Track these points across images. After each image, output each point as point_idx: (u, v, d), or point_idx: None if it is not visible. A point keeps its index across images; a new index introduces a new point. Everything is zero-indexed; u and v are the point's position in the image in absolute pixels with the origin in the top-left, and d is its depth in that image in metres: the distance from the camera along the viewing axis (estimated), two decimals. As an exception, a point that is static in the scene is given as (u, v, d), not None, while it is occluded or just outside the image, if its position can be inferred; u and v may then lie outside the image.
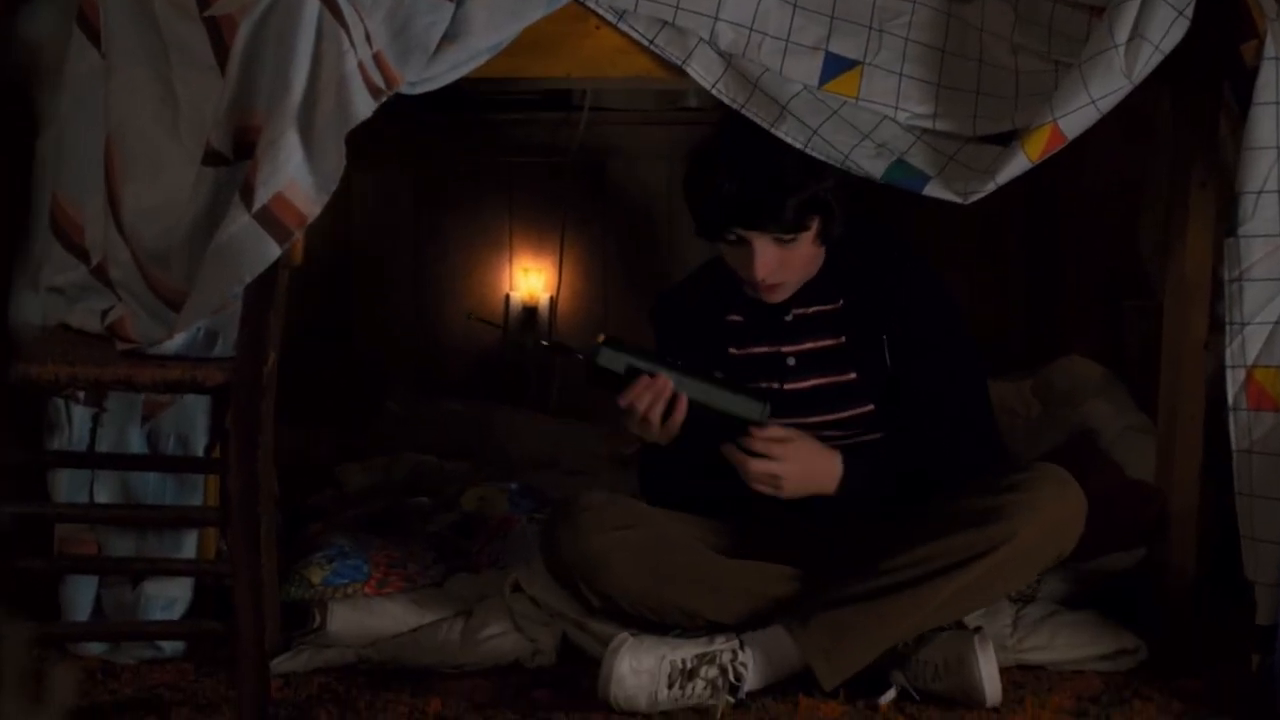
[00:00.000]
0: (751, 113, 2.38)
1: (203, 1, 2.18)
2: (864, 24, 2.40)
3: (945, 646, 2.33)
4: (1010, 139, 2.32)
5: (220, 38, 2.17)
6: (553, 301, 3.87)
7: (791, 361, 2.55)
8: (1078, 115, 2.25)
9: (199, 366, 2.18)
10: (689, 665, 2.29)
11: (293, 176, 2.04)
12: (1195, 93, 2.50)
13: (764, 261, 2.43)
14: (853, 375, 2.53)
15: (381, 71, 2.14)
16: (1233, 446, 2.33)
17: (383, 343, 3.91)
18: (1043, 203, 3.72)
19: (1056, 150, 2.28)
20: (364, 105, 2.08)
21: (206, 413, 2.57)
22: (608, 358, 2.37)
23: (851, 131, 2.37)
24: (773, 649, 2.33)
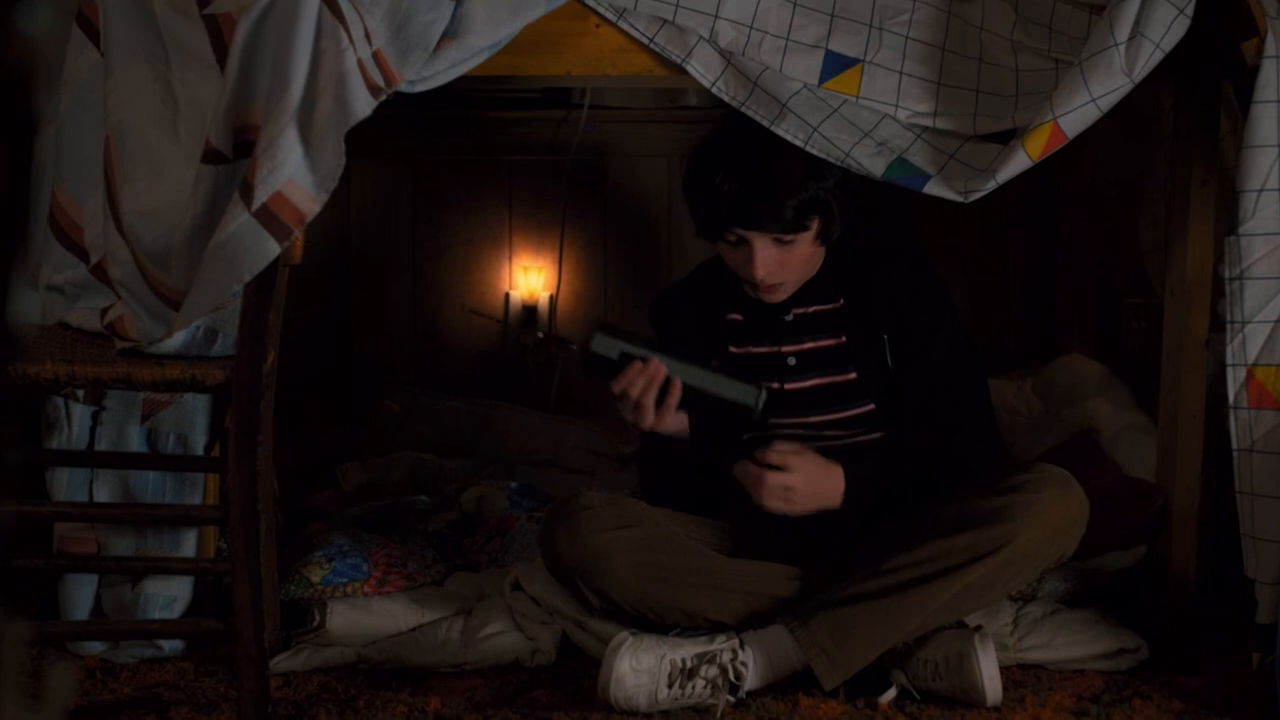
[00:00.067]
0: (752, 111, 2.38)
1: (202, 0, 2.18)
2: (864, 22, 2.40)
3: (946, 645, 2.33)
4: (1010, 137, 2.32)
5: (219, 36, 2.16)
6: (552, 300, 3.87)
7: (792, 361, 2.55)
8: (1078, 114, 2.25)
9: (199, 365, 2.18)
10: (689, 664, 2.28)
11: (292, 175, 2.04)
12: (1196, 91, 2.50)
13: (763, 261, 2.43)
14: (853, 375, 2.53)
15: (381, 70, 2.14)
16: (1233, 445, 2.33)
17: (382, 341, 3.90)
18: (1042, 201, 3.73)
19: (1057, 149, 2.28)
20: (363, 104, 2.07)
21: (206, 411, 2.57)
22: (602, 344, 2.38)
23: (852, 130, 2.37)
24: (773, 648, 2.33)
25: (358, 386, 3.84)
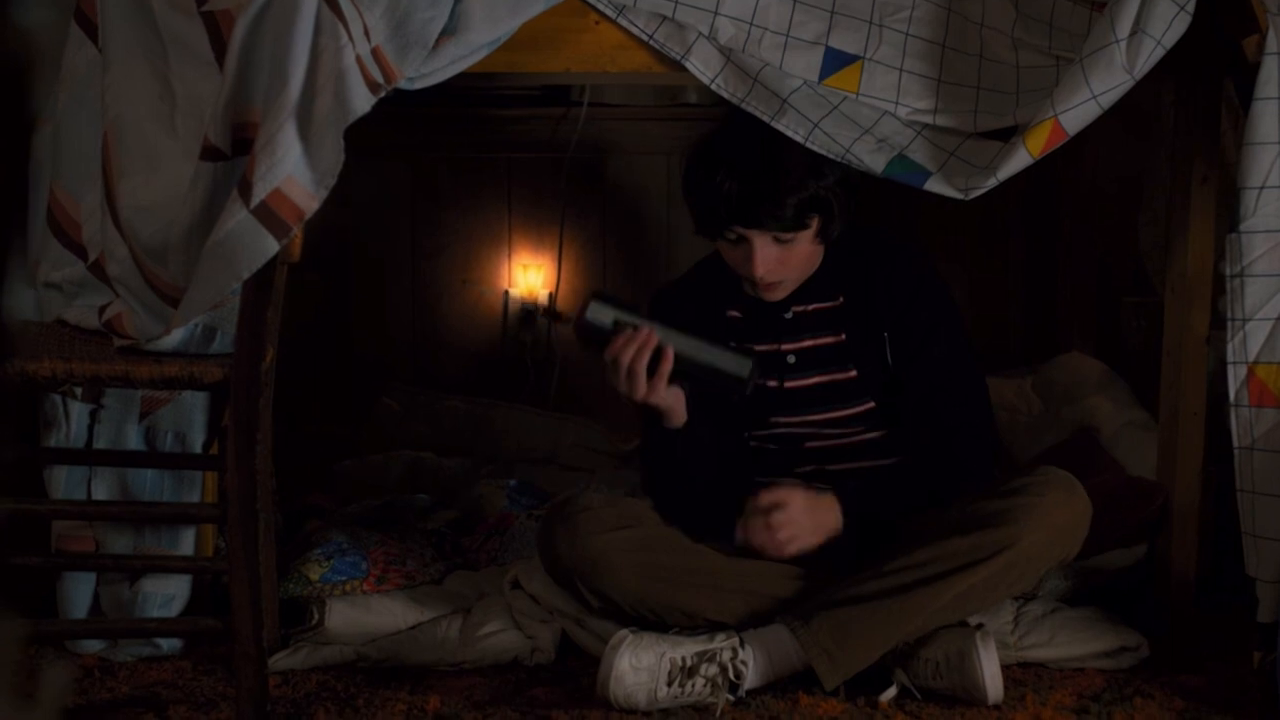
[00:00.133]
0: (752, 107, 2.37)
1: (200, -4, 2.17)
2: (864, 19, 2.40)
3: (947, 644, 2.32)
4: (1011, 134, 2.32)
5: (218, 33, 2.16)
6: (551, 298, 3.86)
7: (792, 359, 2.54)
8: (1079, 110, 2.24)
9: (197, 363, 2.17)
10: (689, 663, 2.28)
11: (291, 172, 2.03)
12: (1197, 88, 2.50)
13: (763, 260, 2.42)
14: (853, 372, 2.53)
15: (380, 67, 2.13)
16: (1234, 443, 2.33)
17: (381, 339, 3.90)
18: (1043, 198, 3.72)
19: (1058, 146, 2.28)
20: (362, 100, 2.07)
21: (204, 409, 2.56)
22: (597, 311, 2.40)
23: (852, 126, 2.37)
24: (773, 647, 2.32)
25: (356, 384, 3.83)
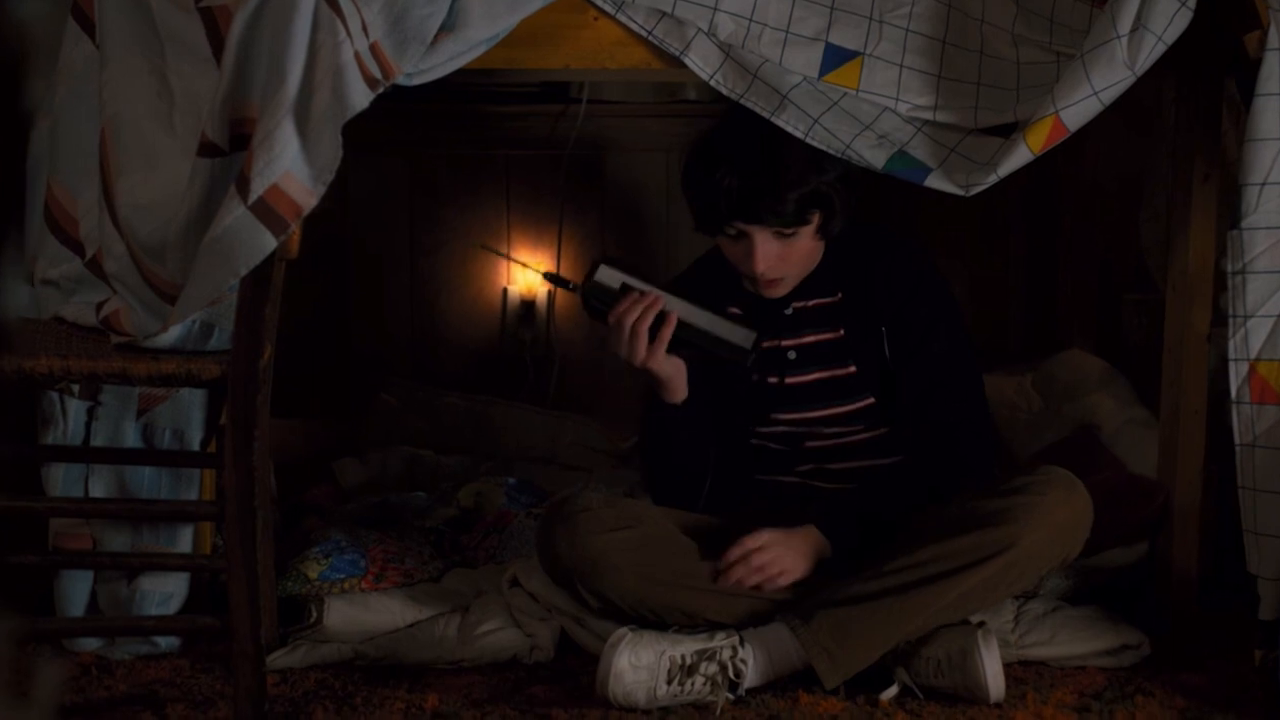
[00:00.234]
0: (751, 103, 2.37)
1: (198, -8, 2.17)
2: (864, 15, 2.40)
3: (948, 642, 2.31)
4: (1012, 131, 2.31)
5: (215, 29, 2.15)
6: (550, 296, 3.85)
7: (792, 355, 2.54)
8: (1080, 107, 2.24)
9: (195, 360, 2.17)
10: (688, 661, 2.27)
11: (289, 168, 2.03)
12: (1198, 84, 2.49)
13: (764, 255, 2.42)
14: (852, 368, 2.52)
15: (378, 63, 2.13)
16: (1235, 440, 2.32)
17: (379, 336, 3.89)
18: (1044, 195, 3.72)
19: (1059, 142, 2.27)
20: (360, 96, 2.06)
21: (202, 406, 2.56)
22: (605, 274, 2.44)
23: (852, 122, 2.36)
24: (773, 646, 2.32)
25: (355, 381, 3.82)
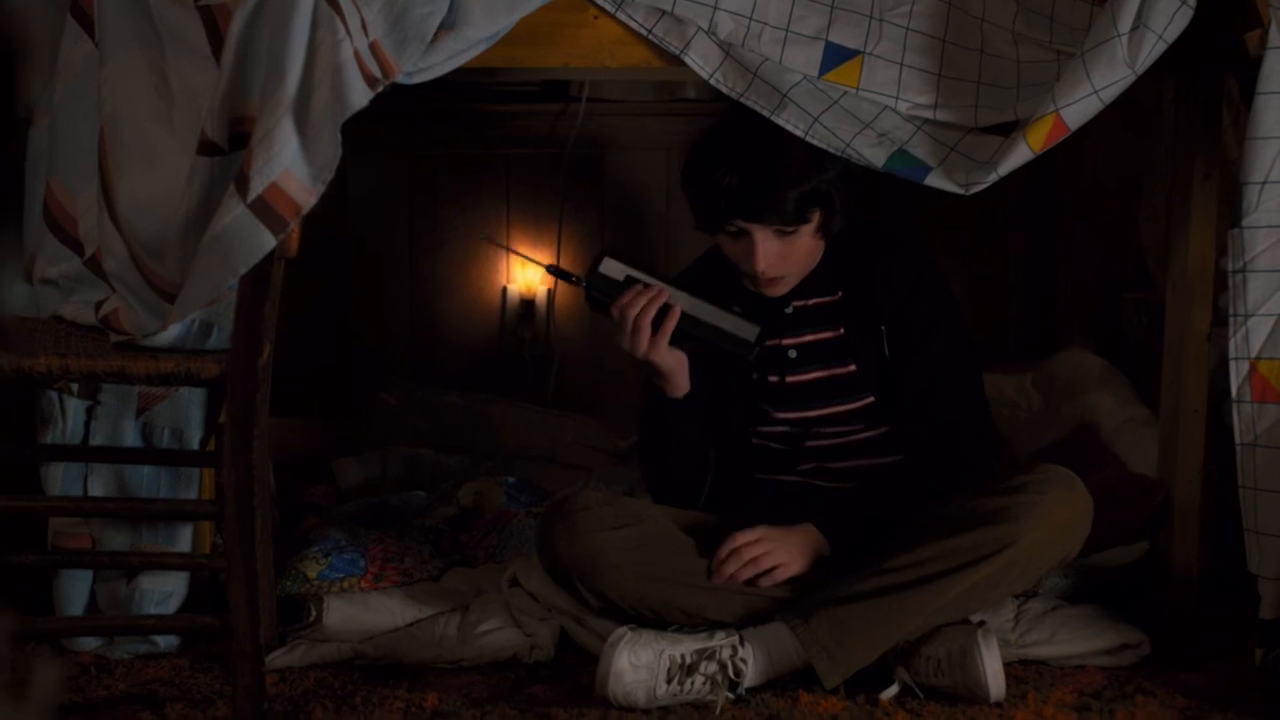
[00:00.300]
0: (751, 101, 2.37)
1: (197, -10, 2.16)
2: (864, 14, 2.39)
3: (948, 641, 2.31)
4: (1012, 129, 2.31)
5: (215, 27, 2.15)
6: (550, 294, 3.85)
7: (793, 354, 2.54)
8: (1080, 105, 2.24)
9: (194, 359, 2.17)
10: (688, 660, 2.27)
11: (288, 166, 2.02)
12: (1198, 83, 2.49)
13: (764, 254, 2.42)
14: (852, 367, 2.52)
15: (378, 61, 2.12)
16: (1236, 439, 2.32)
17: (378, 335, 3.89)
18: (1044, 194, 3.71)
19: (1059, 141, 2.27)
20: (360, 95, 2.06)
21: (201, 405, 2.55)
22: (609, 266, 2.43)
23: (852, 121, 2.36)
24: (773, 645, 2.31)
25: (354, 380, 3.82)
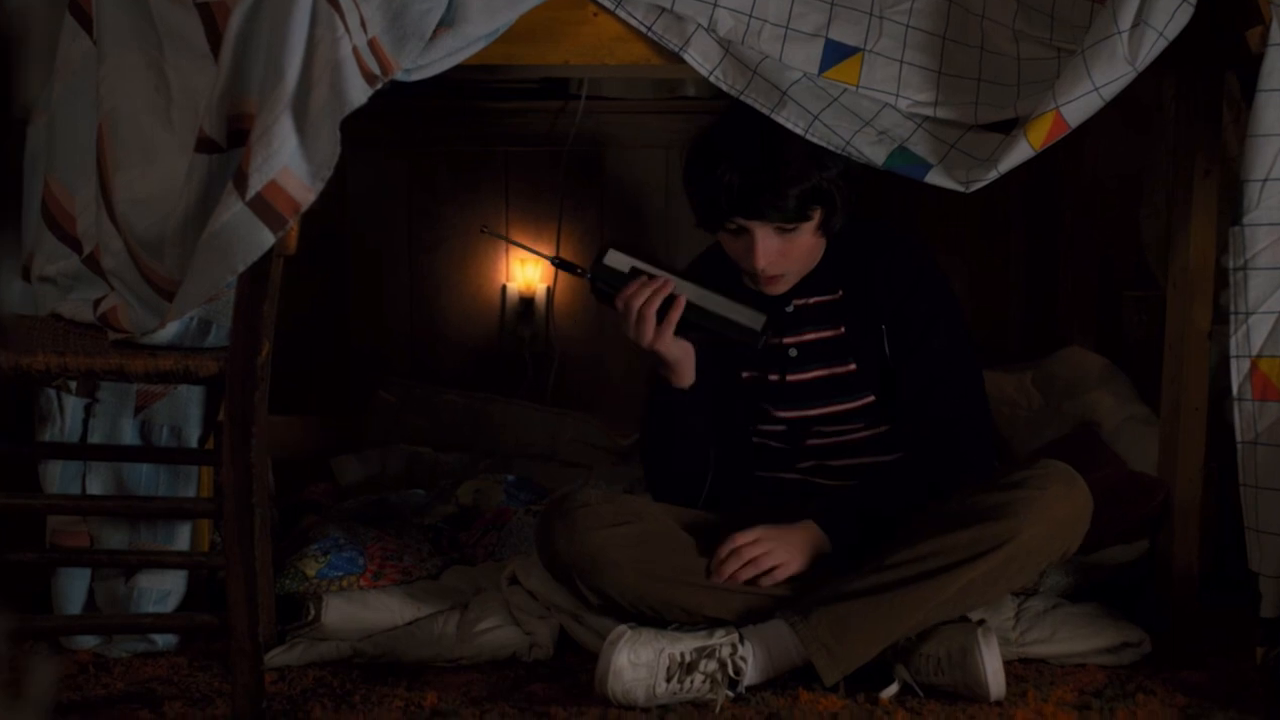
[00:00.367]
0: (751, 99, 2.36)
1: (195, -13, 2.16)
2: (864, 10, 2.39)
3: (948, 640, 2.31)
4: (1012, 127, 2.31)
5: (213, 24, 2.15)
6: (549, 292, 3.85)
7: (793, 353, 2.53)
8: (1081, 103, 2.23)
9: (192, 357, 2.16)
10: (688, 658, 2.27)
11: (287, 164, 2.02)
12: (1198, 80, 2.48)
13: (765, 251, 2.41)
14: (853, 365, 2.52)
15: (377, 58, 2.12)
16: (1237, 437, 2.32)
17: (378, 333, 3.89)
18: (1044, 191, 3.71)
19: (1059, 138, 2.27)
20: (359, 92, 2.05)
21: (200, 403, 2.55)
22: (615, 258, 2.44)
23: (852, 118, 2.36)
24: (773, 643, 2.31)
25: (353, 379, 3.82)
